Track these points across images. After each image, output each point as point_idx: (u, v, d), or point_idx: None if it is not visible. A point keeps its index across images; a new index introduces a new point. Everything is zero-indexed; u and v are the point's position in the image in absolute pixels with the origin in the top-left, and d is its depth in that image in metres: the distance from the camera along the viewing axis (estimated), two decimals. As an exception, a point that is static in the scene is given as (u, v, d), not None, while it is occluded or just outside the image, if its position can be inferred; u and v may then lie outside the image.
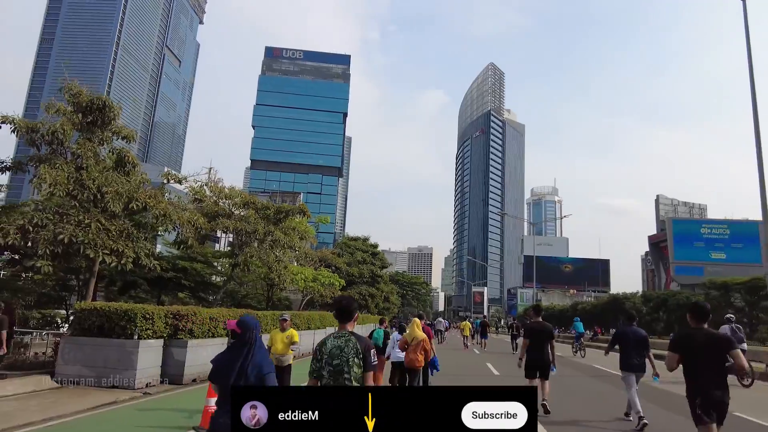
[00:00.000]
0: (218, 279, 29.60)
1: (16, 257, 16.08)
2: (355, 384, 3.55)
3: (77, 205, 12.88)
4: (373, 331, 13.95)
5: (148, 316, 11.56)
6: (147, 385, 11.45)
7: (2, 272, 21.98)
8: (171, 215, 14.08)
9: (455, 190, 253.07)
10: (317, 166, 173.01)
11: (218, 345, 13.93)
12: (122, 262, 12.57)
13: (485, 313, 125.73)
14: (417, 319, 10.13)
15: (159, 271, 14.34)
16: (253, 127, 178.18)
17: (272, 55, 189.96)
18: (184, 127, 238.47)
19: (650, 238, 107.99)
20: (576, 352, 26.89)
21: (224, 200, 19.86)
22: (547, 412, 8.77)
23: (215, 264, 28.02)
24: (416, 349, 9.34)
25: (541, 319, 9.81)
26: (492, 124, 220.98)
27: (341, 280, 29.84)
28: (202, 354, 13.01)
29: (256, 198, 19.89)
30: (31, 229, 11.82)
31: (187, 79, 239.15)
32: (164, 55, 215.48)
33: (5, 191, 15.55)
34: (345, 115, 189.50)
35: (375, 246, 49.23)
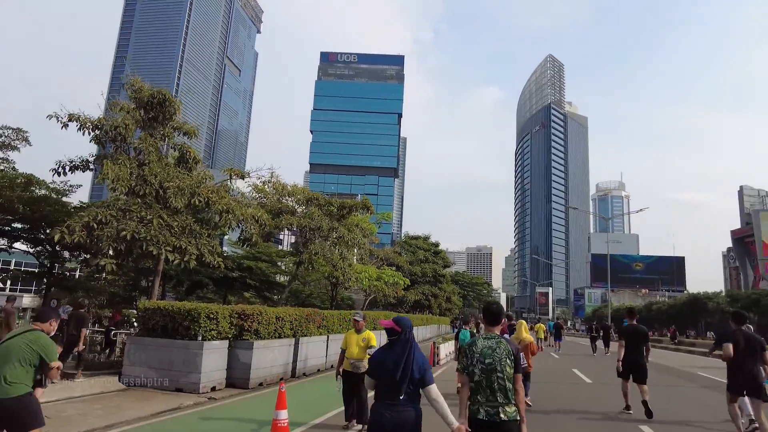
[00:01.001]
0: (282, 278, 29.36)
1: (86, 257, 16.17)
2: (507, 383, 3.86)
3: (140, 201, 12.52)
4: (458, 332, 12.88)
5: (212, 316, 10.92)
6: (212, 389, 10.81)
7: (78, 272, 22.56)
8: (234, 210, 13.50)
9: (515, 188, 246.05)
10: (373, 167, 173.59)
11: (285, 346, 13.20)
12: (185, 259, 12.07)
13: (550, 314, 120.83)
14: (523, 321, 9.17)
15: (224, 269, 13.80)
16: (311, 131, 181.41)
17: (327, 59, 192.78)
18: (246, 134, 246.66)
19: (733, 233, 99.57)
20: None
21: (287, 197, 19.28)
22: (649, 413, 8.85)
23: (279, 263, 27.77)
24: (524, 353, 8.20)
25: (635, 322, 9.81)
26: (552, 117, 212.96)
27: (405, 279, 28.76)
28: (267, 356, 12.29)
29: (319, 194, 19.20)
30: (95, 226, 11.53)
31: (247, 88, 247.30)
32: (225, 65, 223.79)
33: (76, 191, 15.61)
34: (399, 115, 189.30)
35: (436, 245, 47.80)
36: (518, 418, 3.81)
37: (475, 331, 14.49)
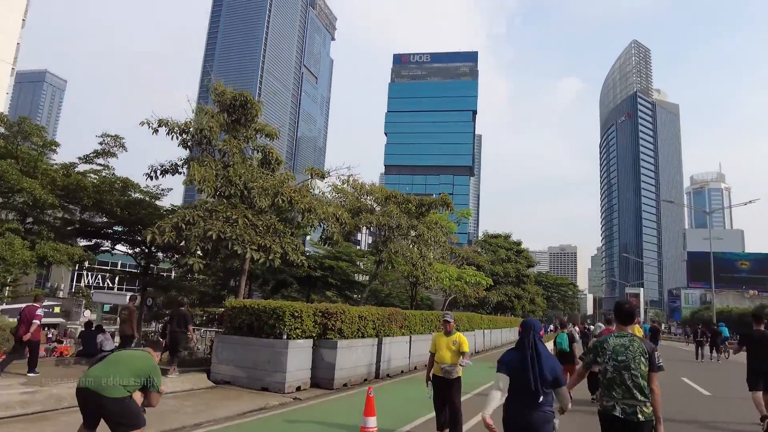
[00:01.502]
0: (362, 278, 29.36)
1: (176, 256, 16.90)
2: (642, 380, 3.89)
3: (225, 201, 12.75)
4: (556, 336, 12.13)
5: (296, 314, 10.80)
6: (297, 389, 10.68)
7: (172, 273, 23.80)
8: (316, 209, 13.42)
9: (601, 183, 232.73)
10: (448, 166, 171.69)
11: (368, 346, 12.88)
12: (270, 257, 12.11)
13: (642, 317, 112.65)
14: (637, 326, 8.13)
15: (307, 267, 13.74)
16: (386, 134, 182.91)
17: (400, 61, 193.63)
18: (324, 140, 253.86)
19: None
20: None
21: (365, 196, 19.07)
22: None
23: (358, 263, 27.77)
24: None
25: (763, 327, 8.86)
26: (639, 106, 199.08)
27: (488, 279, 27.67)
28: (351, 356, 12.01)
29: (397, 192, 18.82)
30: (184, 227, 11.84)
31: (324, 95, 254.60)
32: (302, 74, 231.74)
33: (167, 194, 16.35)
34: (474, 112, 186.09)
35: (518, 243, 45.90)
36: (653, 417, 3.86)
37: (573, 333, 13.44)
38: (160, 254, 18.65)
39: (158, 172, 14.08)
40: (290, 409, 8.86)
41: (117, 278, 52.88)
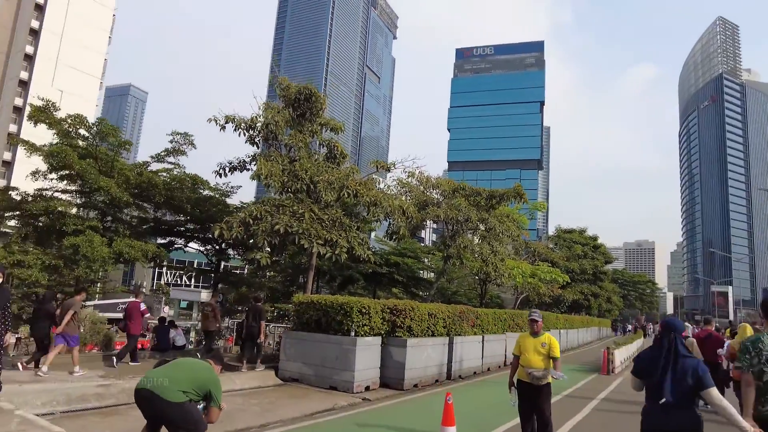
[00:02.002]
0: (428, 275, 28.68)
1: (245, 252, 17.05)
2: None
3: (292, 196, 12.55)
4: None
5: (364, 311, 10.35)
6: (366, 389, 10.23)
7: (245, 270, 24.29)
8: (381, 202, 12.94)
9: (681, 174, 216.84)
10: (515, 160, 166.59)
11: (439, 345, 12.24)
12: (336, 252, 11.76)
13: (731, 317, 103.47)
14: (747, 325, 6.98)
15: (373, 262, 13.31)
16: (449, 129, 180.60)
17: (462, 56, 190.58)
18: (387, 139, 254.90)
19: None
20: None
21: (431, 190, 18.39)
22: None
23: (424, 259, 27.10)
24: None
25: None
26: (726, 89, 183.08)
27: (564, 275, 26.08)
28: (422, 355, 11.42)
29: (465, 184, 17.96)
30: (251, 222, 11.74)
31: (386, 94, 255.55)
32: (365, 74, 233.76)
33: (236, 191, 16.52)
34: (542, 104, 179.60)
35: (594, 238, 43.28)
36: None
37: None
38: (230, 251, 18.96)
39: (227, 169, 14.17)
40: (359, 411, 8.40)
41: (193, 276, 55.60)
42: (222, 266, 19.10)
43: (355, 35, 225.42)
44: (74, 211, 13.49)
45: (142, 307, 11.39)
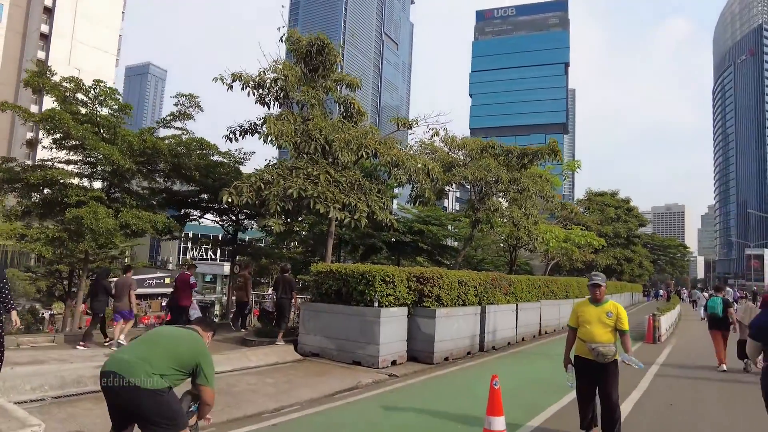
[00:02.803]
0: (453, 243, 27.56)
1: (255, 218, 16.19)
2: None
3: (306, 158, 11.52)
4: (707, 300, 10.61)
5: (388, 279, 9.38)
6: (393, 363, 9.35)
7: (263, 242, 23.59)
8: (404, 162, 11.80)
9: (714, 133, 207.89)
10: (539, 125, 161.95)
11: (470, 315, 11.25)
12: (356, 217, 10.74)
13: (767, 281, 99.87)
14: None
15: (396, 229, 12.27)
16: (471, 95, 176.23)
17: (483, 18, 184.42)
18: (407, 107, 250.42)
19: None
20: None
21: (457, 151, 17.08)
22: None
23: (448, 226, 25.95)
24: None
25: None
26: (766, 41, 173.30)
27: (600, 239, 24.66)
28: (452, 326, 10.45)
29: (495, 142, 16.61)
30: (263, 186, 10.79)
31: (405, 61, 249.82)
32: (383, 41, 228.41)
33: (250, 158, 15.56)
34: (566, 65, 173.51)
35: (627, 201, 41.35)
36: None
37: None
38: (246, 222, 18.18)
39: (237, 133, 13.16)
40: (386, 390, 7.49)
41: (218, 250, 55.60)
42: (239, 238, 18.37)
43: (371, 1, 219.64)
44: (76, 181, 12.72)
45: (192, 280, 11.46)
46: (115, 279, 11.47)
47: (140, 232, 11.84)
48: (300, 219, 18.25)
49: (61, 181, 11.14)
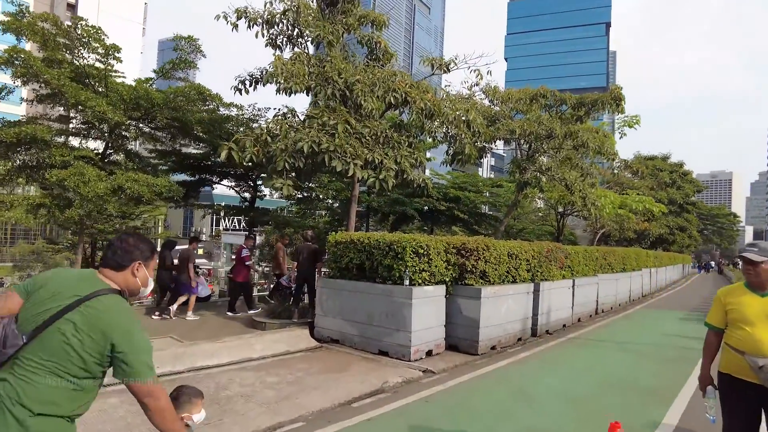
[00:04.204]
0: (488, 212, 25.34)
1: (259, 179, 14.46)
2: None
3: (321, 105, 9.60)
4: None
5: (421, 251, 7.51)
6: (428, 354, 7.57)
7: (290, 210, 21.96)
8: (440, 111, 9.74)
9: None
10: (578, 89, 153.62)
11: (522, 295, 9.31)
12: (381, 177, 8.81)
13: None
14: None
15: (428, 195, 10.31)
16: (506, 59, 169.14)
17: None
18: (439, 76, 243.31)
19: None
20: None
21: (500, 103, 14.77)
22: None
23: (485, 193, 23.73)
24: None
25: None
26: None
27: (661, 205, 22.02)
28: (500, 308, 8.55)
29: (547, 89, 14.20)
30: (269, 139, 8.97)
31: (437, 25, 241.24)
32: (414, 5, 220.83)
33: (265, 114, 13.67)
34: (607, 25, 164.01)
35: (680, 165, 37.90)
36: None
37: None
38: (263, 188, 16.54)
39: (247, 82, 11.28)
40: (420, 397, 5.69)
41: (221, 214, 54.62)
42: (257, 205, 16.76)
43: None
44: (62, 140, 11.18)
45: (243, 252, 10.73)
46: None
47: (137, 197, 10.29)
48: (316, 181, 16.47)
49: (42, 138, 9.62)
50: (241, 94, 11.24)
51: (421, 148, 11.33)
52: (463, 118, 10.65)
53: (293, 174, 9.03)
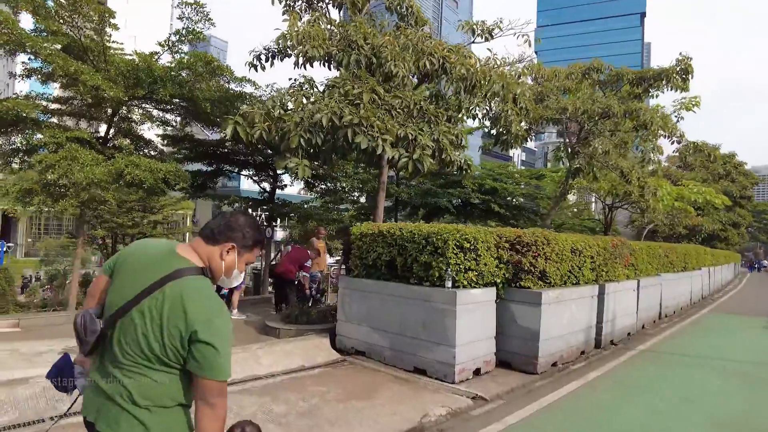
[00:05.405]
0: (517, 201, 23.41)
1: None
2: None
3: (343, 71, 8.18)
4: None
5: (467, 245, 6.00)
6: (476, 373, 6.08)
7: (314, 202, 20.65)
8: (481, 81, 8.18)
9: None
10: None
11: (585, 299, 7.71)
12: (415, 157, 7.34)
13: None
14: None
15: (473, 171, 8.76)
16: (536, 52, 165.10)
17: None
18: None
19: None
20: None
21: (545, 82, 13.07)
22: None
23: (521, 184, 21.92)
24: None
25: None
26: None
27: (724, 197, 19.90)
28: (562, 316, 6.97)
29: (602, 62, 12.42)
30: (282, 112, 7.60)
31: (464, 19, 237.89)
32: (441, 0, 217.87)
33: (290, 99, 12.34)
34: (642, 15, 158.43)
35: (732, 156, 35.12)
36: None
37: None
38: (286, 177, 15.25)
39: (263, 57, 9.93)
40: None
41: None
42: (277, 197, 15.52)
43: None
44: (54, 120, 10.05)
45: (307, 263, 9.77)
46: None
47: (138, 183, 9.08)
48: (339, 170, 15.04)
49: (26, 116, 8.50)
50: (257, 71, 9.92)
51: (459, 119, 9.75)
52: (510, 83, 9.09)
53: (310, 150, 7.60)
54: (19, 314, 10.68)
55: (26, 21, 11.22)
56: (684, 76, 11.91)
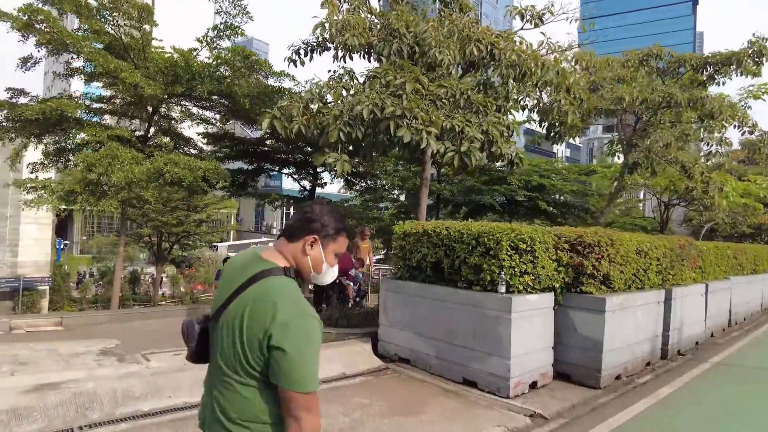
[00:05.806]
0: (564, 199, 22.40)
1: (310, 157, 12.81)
2: None
3: (384, 61, 7.75)
4: None
5: (523, 246, 5.45)
6: (532, 387, 5.53)
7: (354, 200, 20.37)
8: (532, 68, 7.57)
9: None
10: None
11: (651, 305, 7.01)
12: (463, 149, 6.83)
13: None
14: None
15: (523, 167, 8.15)
16: (579, 45, 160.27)
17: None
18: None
19: None
20: None
21: (597, 72, 12.24)
22: None
23: (569, 181, 20.91)
24: None
25: None
26: None
27: (798, 193, 18.34)
28: (627, 324, 6.32)
29: (662, 48, 11.50)
30: (320, 105, 7.25)
31: (503, 15, 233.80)
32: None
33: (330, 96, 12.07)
34: (695, 3, 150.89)
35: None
36: None
37: None
38: (326, 175, 14.99)
39: (301, 52, 9.63)
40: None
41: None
42: (317, 195, 15.29)
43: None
44: (92, 118, 10.05)
45: (351, 272, 9.67)
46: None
47: (178, 181, 8.96)
48: (380, 167, 14.63)
49: (70, 116, 8.49)
50: (296, 66, 9.63)
51: (509, 109, 9.13)
52: (564, 70, 8.44)
53: (350, 146, 7.21)
54: (62, 312, 10.81)
55: (71, 23, 11.39)
56: (757, 59, 10.84)
